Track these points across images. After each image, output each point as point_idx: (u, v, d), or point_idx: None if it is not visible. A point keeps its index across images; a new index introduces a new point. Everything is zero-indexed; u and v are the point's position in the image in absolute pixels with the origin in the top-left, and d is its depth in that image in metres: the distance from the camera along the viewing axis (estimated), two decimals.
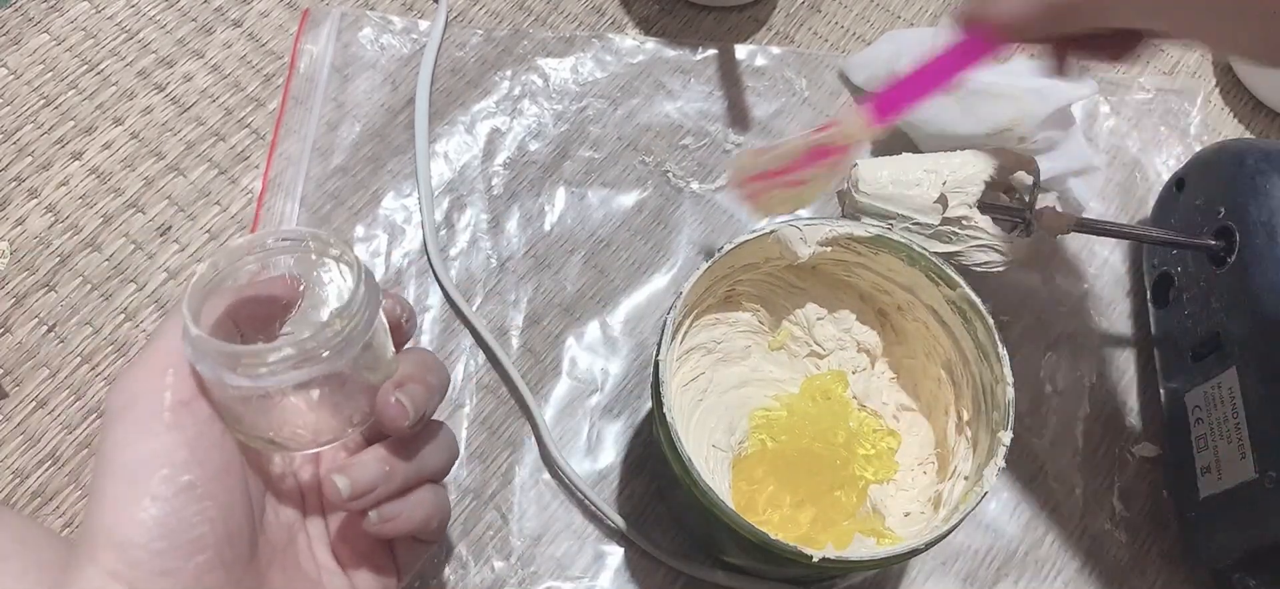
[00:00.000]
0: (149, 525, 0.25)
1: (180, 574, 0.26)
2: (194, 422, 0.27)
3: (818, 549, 0.32)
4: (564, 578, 0.41)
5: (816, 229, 0.38)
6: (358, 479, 0.30)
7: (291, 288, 0.29)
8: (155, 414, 0.26)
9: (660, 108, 0.51)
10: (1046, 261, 0.49)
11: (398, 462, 0.30)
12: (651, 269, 0.47)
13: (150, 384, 0.27)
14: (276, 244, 0.29)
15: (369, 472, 0.30)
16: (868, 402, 0.41)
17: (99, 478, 0.26)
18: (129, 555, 0.25)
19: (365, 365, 0.29)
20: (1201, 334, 0.42)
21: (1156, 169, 0.52)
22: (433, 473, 0.32)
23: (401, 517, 0.31)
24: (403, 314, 0.32)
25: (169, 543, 0.26)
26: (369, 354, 0.29)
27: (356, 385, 0.29)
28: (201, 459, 0.27)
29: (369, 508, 0.30)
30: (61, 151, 0.48)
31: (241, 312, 0.29)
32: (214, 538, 0.27)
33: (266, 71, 0.51)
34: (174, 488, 0.26)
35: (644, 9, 0.54)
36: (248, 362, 0.26)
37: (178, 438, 0.26)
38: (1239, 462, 0.38)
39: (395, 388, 0.29)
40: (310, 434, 0.29)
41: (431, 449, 0.32)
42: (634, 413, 0.44)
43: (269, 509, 0.31)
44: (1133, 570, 0.43)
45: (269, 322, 0.29)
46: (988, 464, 0.34)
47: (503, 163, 0.49)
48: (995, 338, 0.36)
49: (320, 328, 0.27)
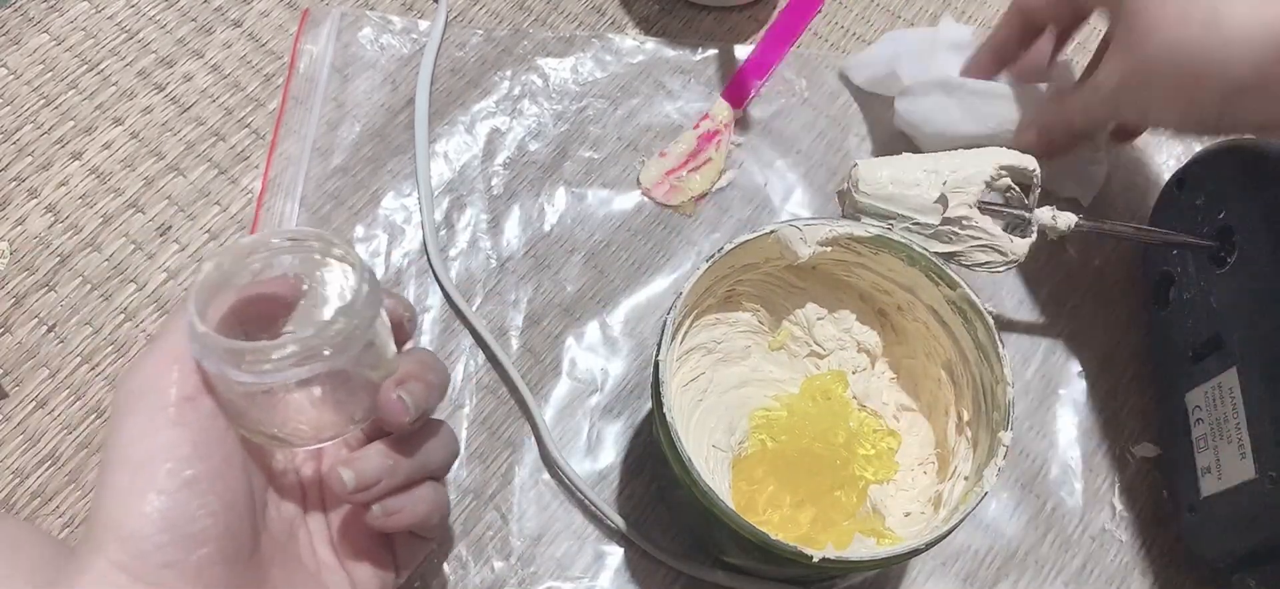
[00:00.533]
0: (153, 518, 0.26)
1: (183, 566, 0.26)
2: (198, 417, 0.27)
3: (818, 549, 0.32)
4: (564, 578, 0.41)
5: (816, 229, 0.38)
6: (362, 472, 0.30)
7: (295, 287, 0.30)
8: (161, 409, 0.27)
9: (660, 108, 0.51)
10: (1046, 261, 0.49)
11: (400, 457, 0.31)
12: (651, 269, 0.47)
13: (156, 379, 0.27)
14: (281, 244, 0.29)
15: (373, 465, 0.30)
16: (868, 402, 0.41)
17: (105, 471, 0.27)
18: (134, 547, 0.26)
19: (367, 363, 0.30)
20: (1201, 334, 0.42)
21: (1156, 169, 0.52)
22: (434, 469, 0.33)
23: (404, 511, 0.31)
24: (405, 314, 0.33)
25: (172, 536, 0.26)
26: (371, 352, 0.29)
27: (358, 383, 0.30)
28: (205, 454, 0.27)
29: (372, 502, 0.31)
30: (61, 151, 0.48)
31: (246, 310, 0.29)
32: (216, 532, 0.27)
33: (266, 71, 0.51)
34: (178, 482, 0.26)
35: (644, 9, 0.54)
36: (252, 358, 0.26)
37: (182, 433, 0.27)
38: (1239, 462, 0.38)
39: (396, 385, 0.30)
40: (312, 430, 0.30)
41: (433, 446, 0.32)
42: (634, 413, 0.44)
43: (271, 505, 0.31)
44: (1133, 570, 0.43)
45: (272, 320, 0.30)
46: (988, 464, 0.34)
47: (503, 163, 0.49)
48: (995, 338, 0.36)
49: (324, 326, 0.27)
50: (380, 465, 0.31)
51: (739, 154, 0.50)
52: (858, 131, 0.51)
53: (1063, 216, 0.41)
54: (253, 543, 0.29)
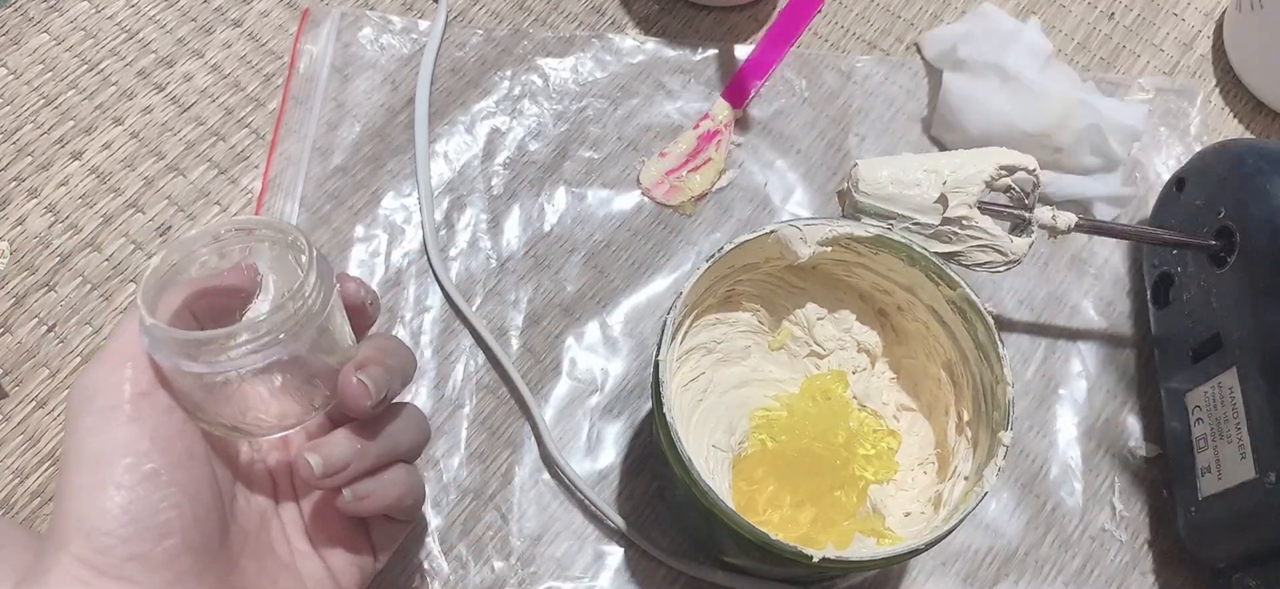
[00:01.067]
0: (115, 512, 0.26)
1: (149, 559, 0.26)
2: (154, 412, 0.27)
3: (818, 549, 0.32)
4: (564, 578, 0.41)
5: (816, 229, 0.38)
6: (330, 456, 0.30)
7: (250, 277, 0.29)
8: (115, 407, 0.27)
9: (660, 108, 0.51)
10: (1046, 262, 0.49)
11: (367, 441, 0.31)
12: (651, 269, 0.47)
13: (109, 379, 0.27)
14: (228, 233, 0.29)
15: (340, 450, 0.30)
16: (868, 402, 0.41)
17: (64, 472, 0.27)
18: (98, 542, 0.26)
19: (324, 348, 0.29)
20: (1201, 334, 0.42)
21: (1156, 169, 0.52)
22: (404, 452, 0.33)
23: (375, 495, 0.31)
24: (366, 297, 0.32)
25: (136, 528, 0.26)
26: (326, 337, 0.29)
27: (316, 369, 0.30)
28: (164, 448, 0.27)
29: (342, 486, 0.31)
30: (61, 151, 0.48)
31: (199, 304, 0.29)
32: (181, 523, 0.27)
33: (266, 71, 0.51)
34: (137, 476, 0.26)
35: (644, 9, 0.54)
36: (203, 348, 0.26)
37: (139, 429, 0.27)
38: (1239, 462, 0.38)
39: (356, 369, 0.30)
40: (272, 419, 0.30)
41: (399, 428, 0.32)
42: (634, 413, 0.44)
43: (240, 496, 0.31)
44: (1133, 570, 0.43)
45: (228, 313, 0.29)
46: (988, 464, 0.34)
47: (503, 163, 0.49)
48: (995, 338, 0.36)
49: (273, 312, 0.27)
50: (347, 449, 0.30)
51: (739, 154, 0.50)
52: (858, 131, 0.51)
53: (1063, 216, 0.41)
54: (221, 534, 0.29)
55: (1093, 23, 0.56)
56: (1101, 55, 0.55)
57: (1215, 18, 0.56)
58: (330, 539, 0.33)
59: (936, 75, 0.52)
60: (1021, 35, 0.50)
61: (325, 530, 0.33)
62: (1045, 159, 0.48)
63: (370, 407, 0.30)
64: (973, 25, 0.52)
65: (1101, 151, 0.48)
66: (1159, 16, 0.56)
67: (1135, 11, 0.56)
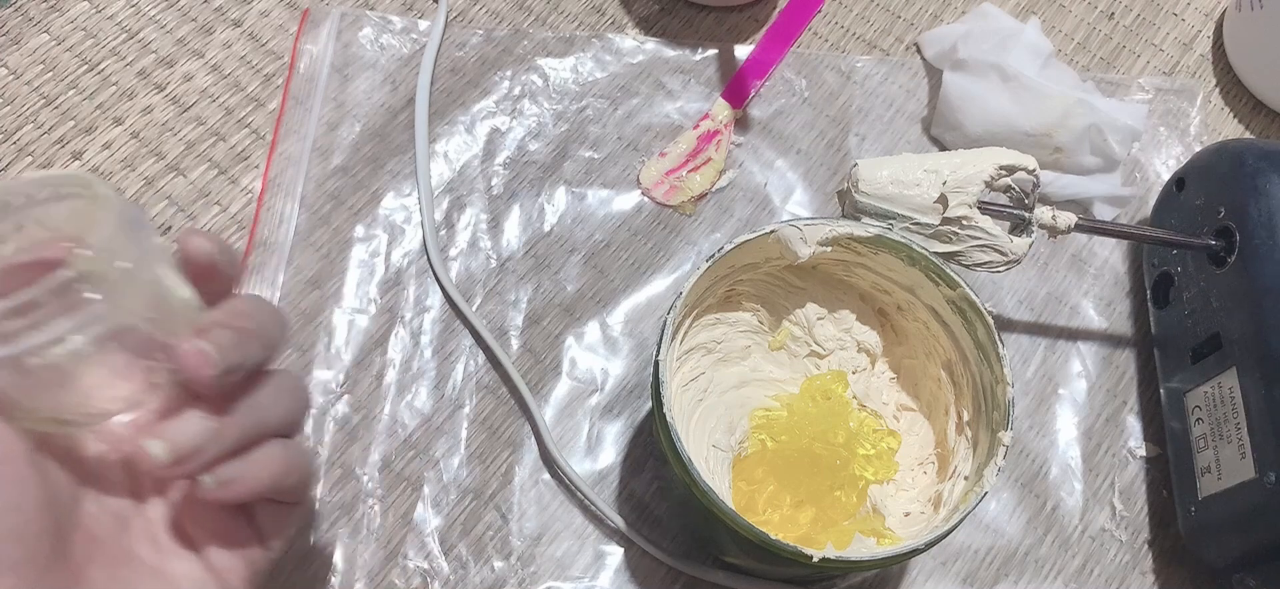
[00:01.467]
0: None
1: None
2: None
3: (818, 549, 0.32)
4: (564, 578, 0.41)
5: (816, 229, 0.38)
6: (177, 440, 0.26)
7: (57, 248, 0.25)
8: None
9: (660, 108, 0.51)
10: (1046, 262, 0.49)
11: (225, 417, 0.27)
12: (651, 269, 0.47)
13: None
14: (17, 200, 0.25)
15: (190, 431, 0.26)
16: (868, 402, 0.41)
17: None
18: None
19: (146, 316, 0.25)
20: (1201, 334, 0.42)
21: (1156, 169, 0.52)
22: (277, 425, 0.29)
23: (245, 478, 0.27)
24: (219, 257, 0.28)
25: None
26: (148, 302, 0.25)
27: (142, 340, 0.25)
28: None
29: (200, 472, 0.27)
30: (61, 151, 0.48)
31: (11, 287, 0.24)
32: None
33: (266, 71, 0.51)
34: None
35: (644, 9, 0.54)
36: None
37: None
38: (1239, 462, 0.38)
39: (196, 335, 0.26)
40: (103, 405, 0.26)
41: (268, 400, 0.28)
42: (634, 413, 0.44)
43: (89, 499, 0.28)
44: (1133, 570, 0.43)
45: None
46: (988, 464, 0.35)
47: (503, 163, 0.49)
48: (995, 338, 0.36)
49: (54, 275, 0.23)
50: (199, 429, 0.26)
51: (739, 154, 0.50)
52: (858, 131, 0.51)
53: (1063, 216, 0.41)
54: (52, 546, 0.25)
55: (1093, 23, 0.56)
56: (1101, 55, 0.55)
57: (1215, 18, 0.56)
58: (206, 535, 0.29)
59: (936, 75, 0.52)
60: (1021, 35, 0.50)
61: (200, 525, 0.29)
62: (1045, 159, 0.49)
63: (212, 376, 0.26)
64: (972, 25, 0.52)
65: (1101, 151, 0.48)
66: (1159, 16, 0.56)
67: (1135, 11, 0.56)
